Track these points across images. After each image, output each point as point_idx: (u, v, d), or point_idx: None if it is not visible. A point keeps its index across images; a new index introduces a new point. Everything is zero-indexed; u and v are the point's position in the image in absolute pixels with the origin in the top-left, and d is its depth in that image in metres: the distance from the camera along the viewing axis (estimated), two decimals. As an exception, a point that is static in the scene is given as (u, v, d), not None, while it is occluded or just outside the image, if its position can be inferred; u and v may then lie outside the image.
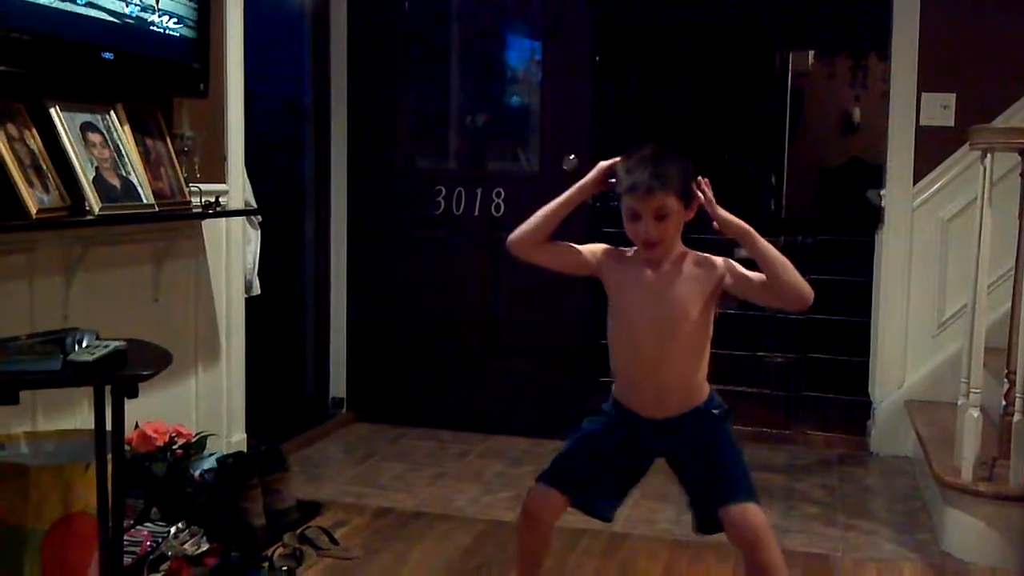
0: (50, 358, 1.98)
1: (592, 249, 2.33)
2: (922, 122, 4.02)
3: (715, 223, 2.18)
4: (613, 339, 2.32)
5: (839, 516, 3.44)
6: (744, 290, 2.21)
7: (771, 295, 2.16)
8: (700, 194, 2.18)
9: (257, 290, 3.68)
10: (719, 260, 2.25)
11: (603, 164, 2.28)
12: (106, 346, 2.05)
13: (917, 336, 4.12)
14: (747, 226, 2.17)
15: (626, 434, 2.28)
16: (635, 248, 2.27)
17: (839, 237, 5.01)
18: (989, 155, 3.03)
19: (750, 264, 2.21)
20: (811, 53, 8.19)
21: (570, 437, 2.35)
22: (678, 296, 2.22)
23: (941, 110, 4.00)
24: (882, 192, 4.17)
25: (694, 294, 2.23)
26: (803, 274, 2.15)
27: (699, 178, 2.19)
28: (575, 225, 2.33)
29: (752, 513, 2.15)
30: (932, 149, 4.02)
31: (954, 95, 3.97)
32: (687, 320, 2.22)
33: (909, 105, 4.03)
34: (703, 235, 2.31)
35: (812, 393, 4.78)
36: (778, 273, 2.12)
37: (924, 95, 4.01)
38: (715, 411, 2.27)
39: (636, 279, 2.26)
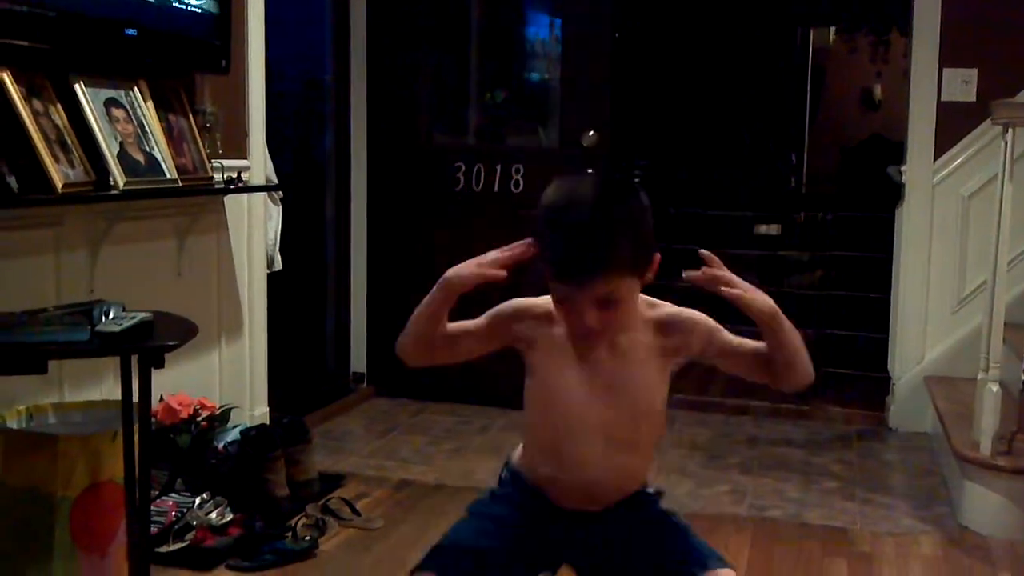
0: (78, 328, 2.00)
1: (494, 323, 1.76)
2: (943, 98, 4.00)
3: (724, 295, 1.47)
4: (536, 428, 1.70)
5: (857, 490, 3.45)
6: (731, 364, 1.62)
7: (768, 375, 1.58)
8: (715, 278, 1.48)
9: (279, 265, 3.71)
10: (696, 324, 1.61)
11: (455, 274, 1.71)
12: (133, 317, 2.07)
13: (937, 312, 4.11)
14: (774, 305, 1.52)
15: (533, 523, 1.67)
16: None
17: (859, 213, 5.00)
18: (1011, 130, 3.02)
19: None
20: (832, 29, 8.17)
21: (461, 520, 1.80)
22: (636, 383, 1.60)
23: (962, 85, 3.97)
24: (903, 168, 4.15)
25: (657, 374, 1.61)
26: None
27: (703, 256, 1.49)
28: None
29: None
30: (953, 125, 4.00)
31: (976, 70, 3.95)
32: (648, 413, 1.62)
33: (930, 80, 4.01)
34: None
35: (831, 369, 4.79)
36: (792, 360, 1.56)
37: (945, 70, 3.99)
38: (652, 492, 1.71)
39: (572, 355, 1.60)
